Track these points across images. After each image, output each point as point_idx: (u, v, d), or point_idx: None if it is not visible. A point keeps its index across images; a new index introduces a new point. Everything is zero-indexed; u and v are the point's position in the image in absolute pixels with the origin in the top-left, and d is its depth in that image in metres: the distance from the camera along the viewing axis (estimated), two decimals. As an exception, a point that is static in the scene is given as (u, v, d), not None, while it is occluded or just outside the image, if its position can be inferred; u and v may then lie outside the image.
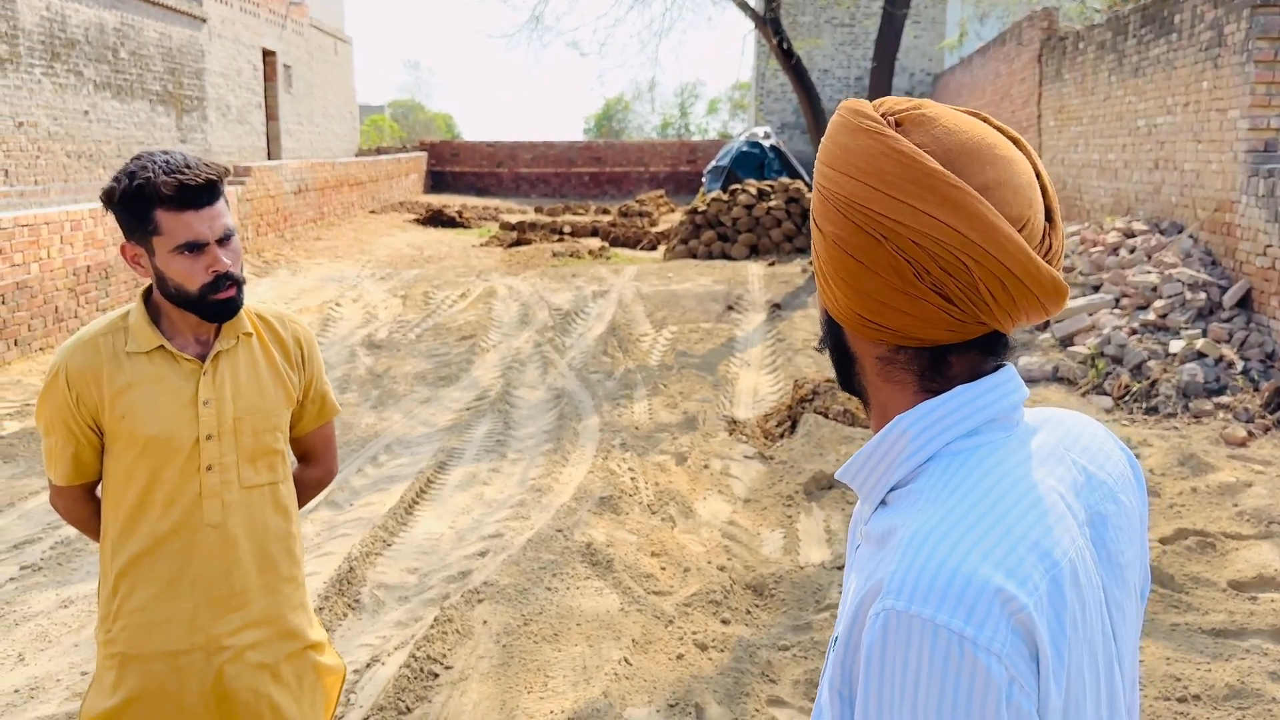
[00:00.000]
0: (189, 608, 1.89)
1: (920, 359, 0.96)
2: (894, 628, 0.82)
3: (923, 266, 0.90)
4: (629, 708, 3.42)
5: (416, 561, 4.64)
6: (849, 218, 0.93)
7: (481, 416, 6.92)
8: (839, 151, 0.95)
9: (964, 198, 0.88)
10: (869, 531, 0.96)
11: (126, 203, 1.81)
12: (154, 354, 1.90)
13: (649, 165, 28.59)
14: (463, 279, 12.50)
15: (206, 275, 1.83)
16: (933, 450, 0.93)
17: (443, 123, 54.51)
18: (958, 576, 0.82)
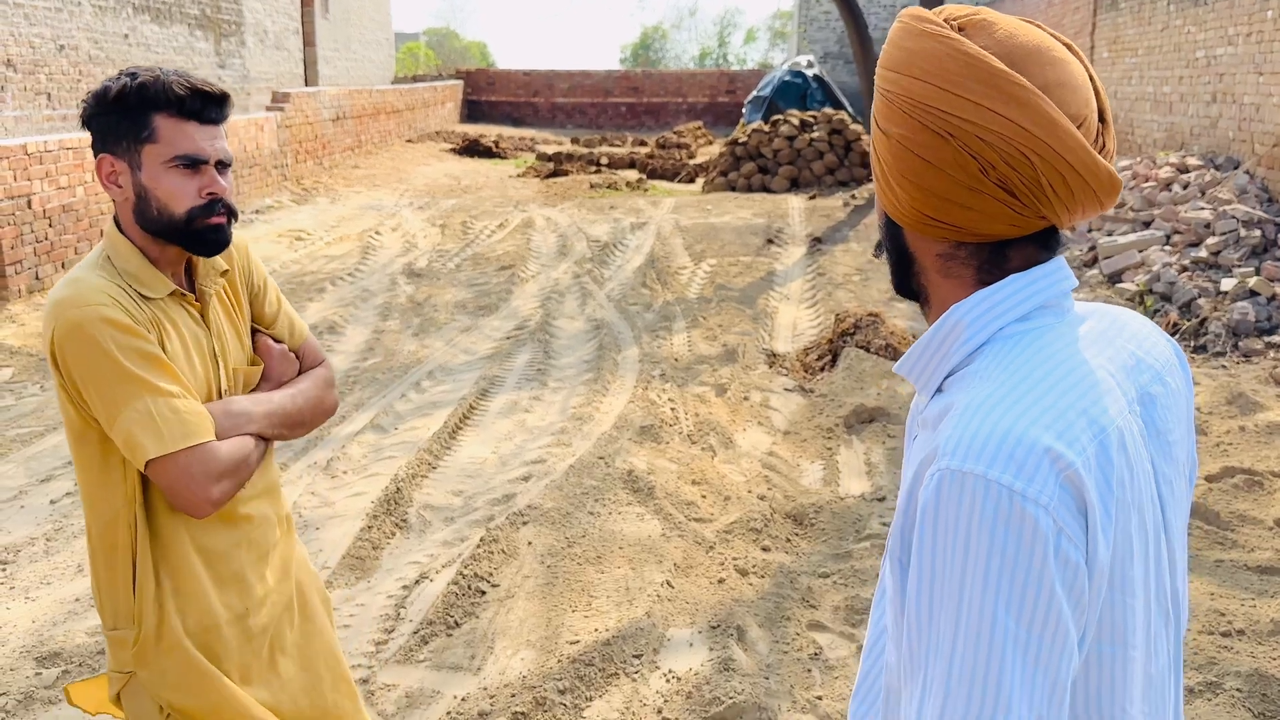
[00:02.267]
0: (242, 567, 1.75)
1: (980, 254, 1.00)
2: (948, 485, 0.87)
3: (988, 162, 0.93)
4: (671, 628, 3.48)
5: (461, 484, 4.72)
6: (916, 118, 0.96)
7: (522, 345, 6.95)
8: (903, 56, 0.98)
9: (1028, 95, 0.92)
10: (925, 418, 1.01)
11: (123, 102, 1.58)
12: (169, 300, 1.67)
13: (687, 96, 28.16)
14: (500, 209, 12.47)
15: (200, 197, 1.61)
16: (987, 335, 0.98)
17: (477, 51, 53.94)
18: (1009, 437, 0.87)
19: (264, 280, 1.87)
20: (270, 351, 1.82)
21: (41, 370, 6.26)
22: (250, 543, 1.76)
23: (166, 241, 1.65)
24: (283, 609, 1.84)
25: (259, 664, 1.78)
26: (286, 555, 1.87)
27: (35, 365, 6.34)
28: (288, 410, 1.77)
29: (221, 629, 1.71)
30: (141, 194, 1.62)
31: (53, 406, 5.67)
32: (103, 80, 1.68)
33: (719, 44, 57.45)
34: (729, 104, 27.64)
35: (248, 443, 1.66)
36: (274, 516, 1.83)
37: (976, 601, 0.85)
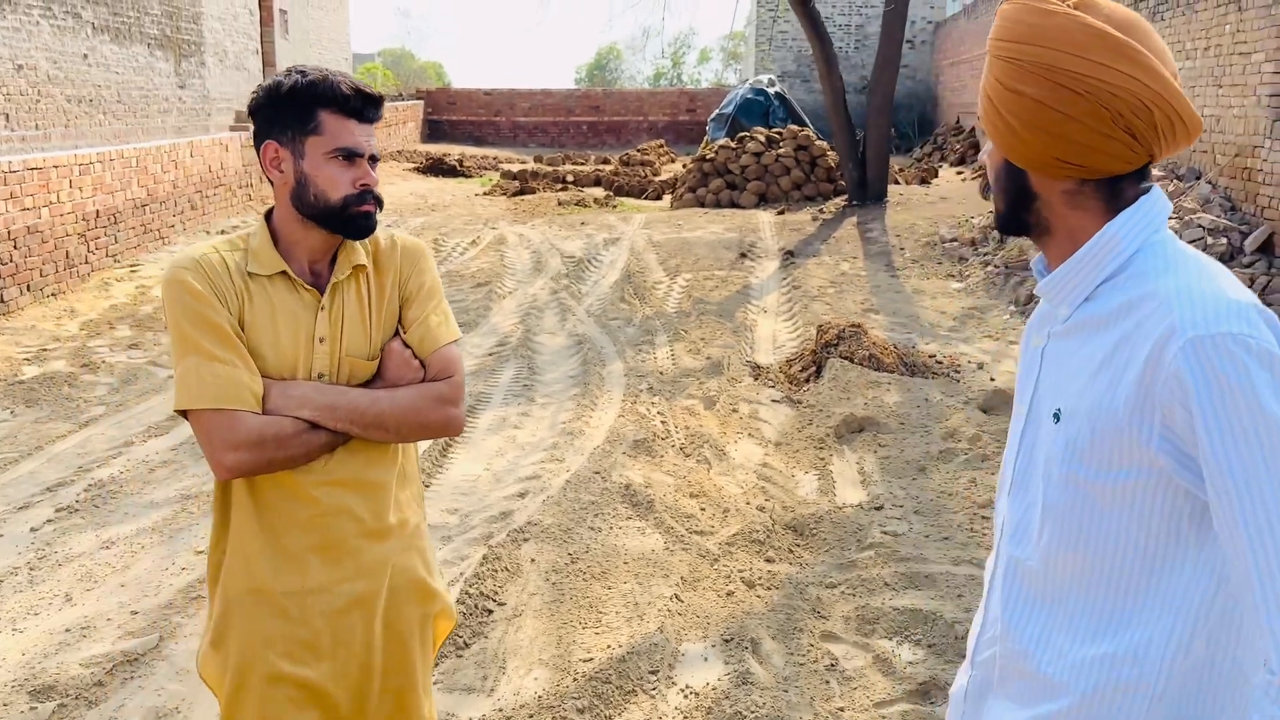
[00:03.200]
0: (300, 550, 1.79)
1: (1103, 188, 1.22)
2: (1202, 347, 1.08)
3: (1117, 112, 1.16)
4: (685, 642, 3.44)
5: (456, 502, 4.64)
6: (1053, 79, 1.17)
7: (505, 362, 6.89)
8: (1030, 31, 1.19)
9: (1144, 58, 1.16)
10: (1079, 322, 1.23)
11: (293, 96, 1.72)
12: (275, 279, 1.78)
13: (648, 114, 28.29)
14: (471, 226, 12.40)
15: (354, 187, 1.75)
16: (1138, 245, 1.20)
17: (433, 71, 53.79)
18: (1230, 303, 1.10)
19: (421, 286, 1.89)
20: (390, 352, 1.84)
21: (10, 395, 6.08)
22: (315, 526, 1.78)
23: (318, 225, 1.77)
24: (350, 606, 1.81)
25: (312, 646, 1.79)
26: (376, 559, 1.83)
27: (4, 390, 6.16)
28: (361, 409, 1.76)
29: (274, 598, 1.77)
30: (301, 180, 1.75)
31: (25, 431, 5.51)
32: (273, 75, 1.80)
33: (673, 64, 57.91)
34: (689, 122, 27.81)
35: (285, 424, 1.70)
36: (359, 512, 1.81)
37: (1262, 420, 1.05)
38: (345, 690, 1.82)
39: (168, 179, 10.67)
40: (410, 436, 1.83)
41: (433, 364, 1.85)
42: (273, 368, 1.75)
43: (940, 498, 4.68)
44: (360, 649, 1.82)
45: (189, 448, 5.29)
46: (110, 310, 8.16)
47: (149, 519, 4.42)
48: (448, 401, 1.84)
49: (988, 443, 5.23)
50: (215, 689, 1.84)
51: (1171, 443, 1.12)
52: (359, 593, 1.82)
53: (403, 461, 1.91)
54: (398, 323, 1.87)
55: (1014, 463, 1.33)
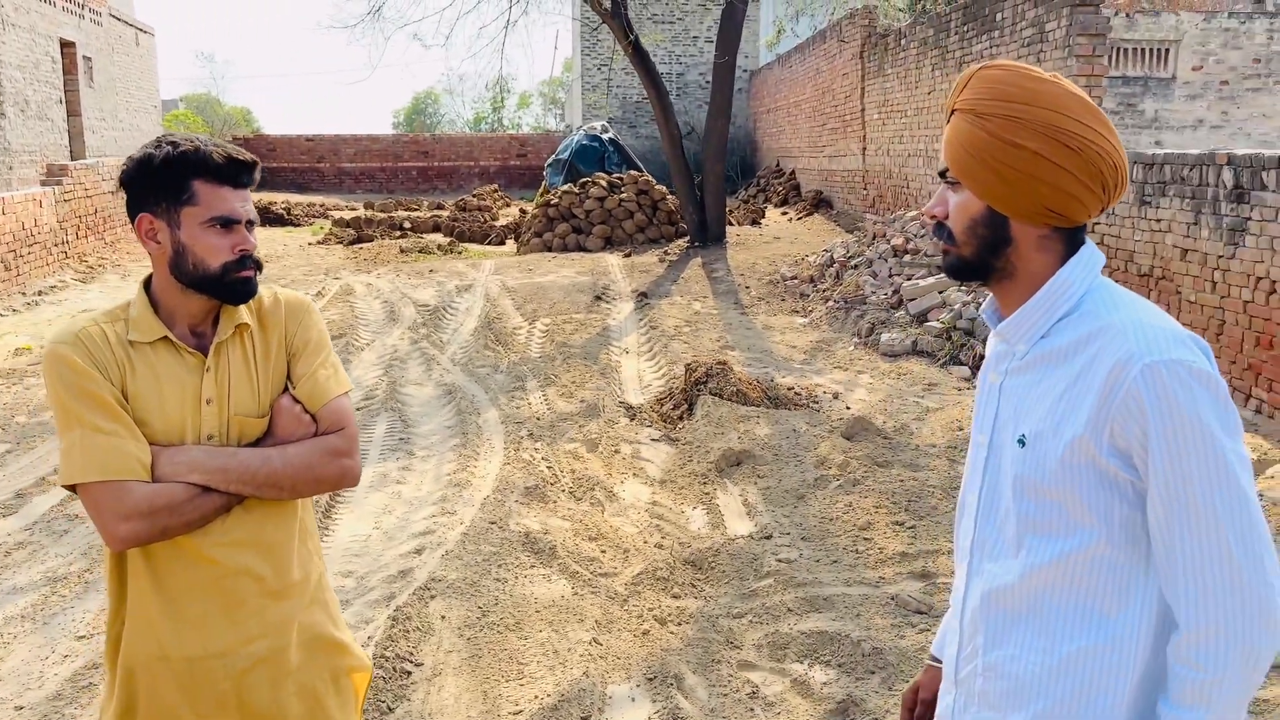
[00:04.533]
0: (201, 614, 1.78)
1: (1066, 236, 1.38)
2: (1159, 370, 1.25)
3: (1098, 169, 1.33)
4: (610, 684, 3.49)
5: (350, 564, 4.52)
6: (1052, 137, 1.33)
7: (375, 415, 6.74)
8: (1027, 94, 1.35)
9: (1110, 125, 1.36)
10: (1036, 357, 1.39)
11: (166, 167, 1.73)
12: (157, 345, 1.78)
13: (479, 159, 28.27)
14: (312, 277, 12.05)
15: (232, 253, 1.76)
16: (1086, 287, 1.36)
17: (241, 117, 51.77)
18: (1174, 335, 1.28)
19: (307, 341, 1.90)
20: (279, 409, 1.84)
21: None
22: (216, 589, 1.77)
23: (197, 292, 1.78)
24: (256, 666, 1.80)
25: (221, 709, 1.79)
26: (281, 617, 1.82)
27: None
28: (253, 469, 1.77)
29: (178, 663, 1.76)
30: (179, 249, 1.76)
31: None
32: (142, 147, 1.80)
33: (493, 109, 58.03)
34: (521, 167, 27.98)
35: (177, 490, 1.71)
36: (260, 570, 1.80)
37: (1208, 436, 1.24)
38: None
39: (-25, 237, 9.88)
40: (306, 491, 1.84)
41: (324, 417, 1.86)
42: (160, 434, 1.75)
43: (823, 523, 4.92)
44: (269, 707, 1.82)
45: (43, 526, 4.92)
46: (-79, 382, 7.46)
47: (15, 606, 4.08)
48: (341, 454, 1.85)
49: (856, 468, 5.53)
50: None
51: (1116, 448, 1.29)
52: (264, 652, 1.81)
53: (302, 515, 1.92)
54: (286, 379, 1.89)
55: (979, 489, 1.46)
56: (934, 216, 1.45)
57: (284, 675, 1.82)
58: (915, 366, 7.93)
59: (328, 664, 1.89)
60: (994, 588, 1.41)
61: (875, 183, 15.36)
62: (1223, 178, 6.38)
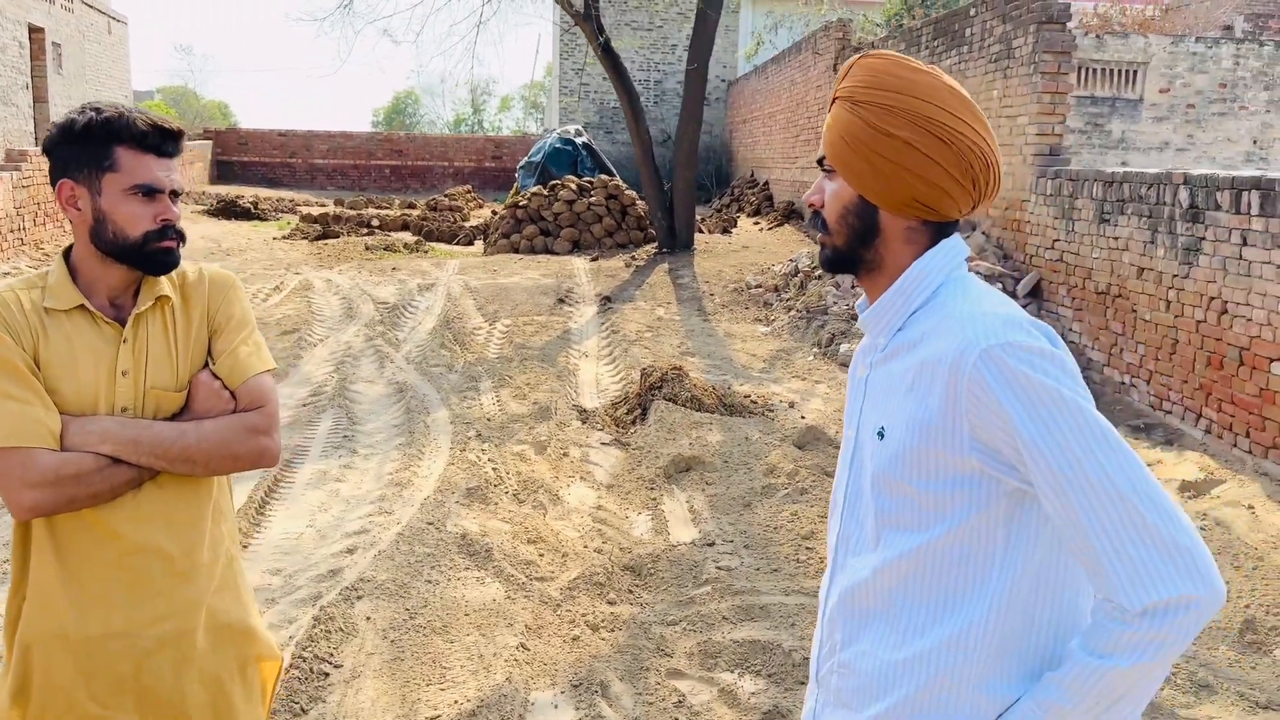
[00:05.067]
0: (104, 591, 1.72)
1: (933, 229, 1.36)
2: (996, 353, 1.22)
3: (969, 163, 1.31)
4: (534, 691, 3.40)
5: (279, 562, 4.40)
6: (923, 127, 1.31)
7: (322, 412, 6.62)
8: (904, 83, 1.33)
9: (985, 120, 1.35)
10: (893, 349, 1.36)
11: (88, 133, 1.70)
12: (73, 313, 1.74)
13: (453, 160, 28.11)
14: (272, 272, 11.88)
15: (154, 223, 1.74)
16: (940, 279, 1.34)
17: (218, 110, 51.33)
18: (1011, 320, 1.25)
19: (230, 317, 1.86)
20: (197, 384, 1.81)
21: None
22: (122, 565, 1.73)
23: (118, 262, 1.75)
24: (159, 648, 1.74)
25: (119, 691, 1.74)
26: (188, 599, 1.77)
27: None
28: (167, 442, 1.72)
29: (78, 642, 1.71)
30: (100, 217, 1.73)
31: None
32: (67, 113, 1.76)
33: (474, 111, 57.86)
34: (495, 169, 27.85)
35: (85, 460, 1.66)
36: (169, 549, 1.75)
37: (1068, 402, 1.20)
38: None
39: (-76, 220, 9.66)
40: (221, 469, 1.79)
41: (242, 394, 1.82)
42: (72, 403, 1.71)
43: (767, 532, 4.86)
44: (170, 694, 1.76)
45: (-36, 516, 4.77)
46: None
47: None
48: (259, 431, 1.81)
49: (805, 477, 5.47)
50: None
51: (981, 442, 1.25)
52: (168, 634, 1.75)
53: (217, 496, 1.86)
54: (207, 355, 1.84)
55: (845, 485, 1.44)
56: (812, 205, 1.42)
57: (188, 660, 1.77)
58: (873, 378, 7.90)
59: (235, 652, 1.84)
60: (851, 584, 1.40)
61: (846, 195, 15.39)
62: (1179, 197, 6.40)
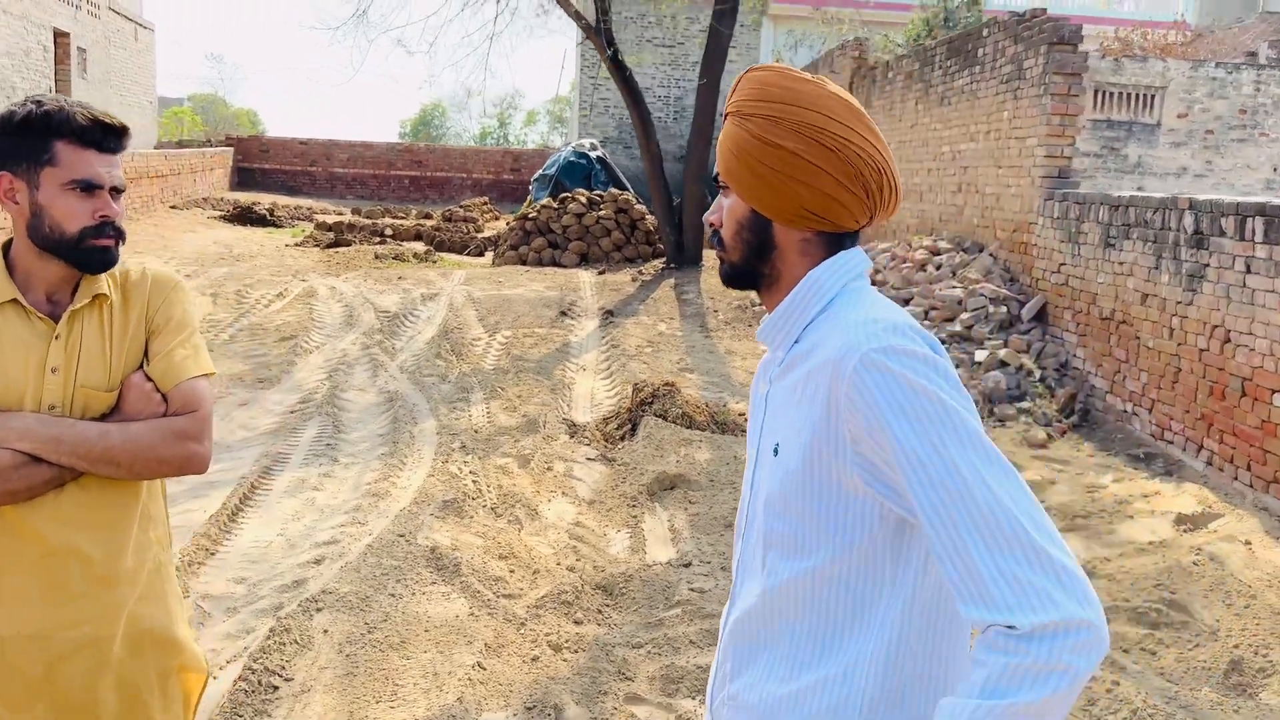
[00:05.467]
0: (20, 592, 1.68)
1: (829, 241, 1.34)
2: (874, 357, 1.18)
3: (859, 171, 1.29)
4: (485, 712, 3.31)
5: (244, 571, 4.34)
6: (809, 136, 1.29)
7: (308, 420, 6.57)
8: (789, 94, 1.31)
9: (875, 128, 1.33)
10: (789, 363, 1.33)
11: (26, 126, 1.68)
12: (5, 308, 1.72)
13: (472, 171, 28.19)
14: (278, 278, 11.89)
15: (92, 219, 1.71)
16: (835, 290, 1.32)
17: (246, 119, 51.80)
18: (893, 324, 1.22)
19: (169, 319, 1.82)
20: (128, 385, 1.77)
21: None
22: (40, 567, 1.69)
23: (56, 257, 1.73)
24: (72, 653, 1.70)
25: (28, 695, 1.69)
26: (107, 605, 1.72)
27: None
28: (89, 442, 1.68)
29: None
30: (37, 212, 1.71)
31: None
32: (9, 105, 1.75)
33: (500, 125, 58.13)
34: (514, 181, 27.89)
35: (3, 456, 1.64)
36: (90, 552, 1.71)
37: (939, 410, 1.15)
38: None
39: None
40: (145, 473, 1.74)
41: (174, 398, 1.78)
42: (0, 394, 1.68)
43: (747, 554, 4.74)
44: (83, 700, 1.71)
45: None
46: None
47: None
48: (188, 437, 1.75)
49: (793, 499, 5.36)
50: None
51: (861, 455, 1.20)
52: (83, 640, 1.70)
53: (146, 501, 1.81)
54: (144, 356, 1.80)
55: (746, 506, 1.39)
56: (711, 224, 1.40)
57: (103, 667, 1.72)
58: (873, 399, 7.78)
59: (156, 661, 1.79)
60: (741, 612, 1.34)
61: (859, 214, 15.30)
62: (1184, 223, 6.26)
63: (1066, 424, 7.01)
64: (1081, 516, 5.28)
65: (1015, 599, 1.08)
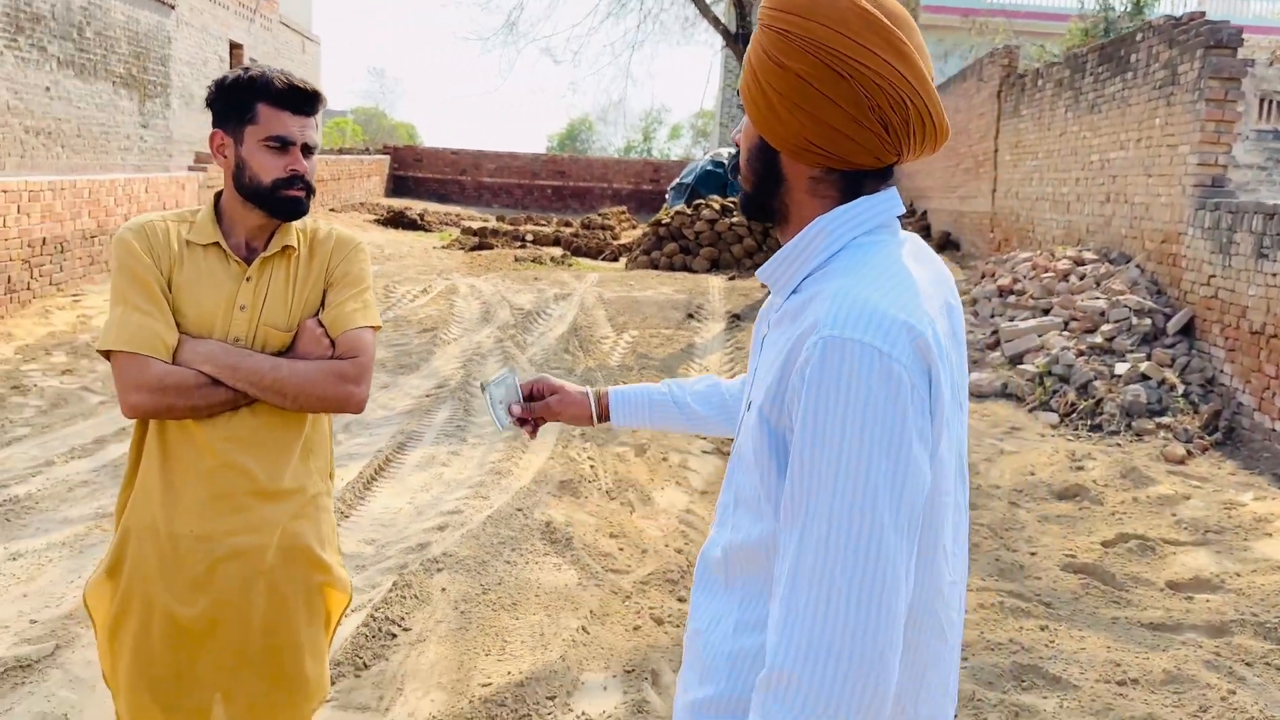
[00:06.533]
0: (194, 497, 1.91)
1: (844, 180, 1.18)
2: (830, 348, 1.05)
3: (875, 101, 1.11)
4: (585, 672, 3.46)
5: (374, 533, 4.64)
6: (818, 57, 1.12)
7: (441, 403, 6.92)
8: (805, 3, 1.13)
9: (909, 51, 1.12)
10: (784, 312, 1.19)
11: (236, 89, 1.91)
12: (209, 249, 1.96)
13: (612, 181, 28.74)
14: (424, 276, 12.48)
15: (284, 171, 1.92)
16: (843, 242, 1.17)
17: (405, 131, 54.22)
18: (875, 313, 1.06)
19: (346, 274, 2.04)
20: (302, 328, 1.99)
21: None
22: (211, 477, 1.91)
23: (254, 206, 1.94)
24: (231, 556, 1.92)
25: (191, 587, 1.91)
26: (265, 518, 1.95)
27: (-73, 407, 6.06)
28: (261, 372, 1.90)
29: (165, 537, 1.90)
30: (240, 164, 1.93)
31: None
32: (221, 73, 2.10)
33: (644, 138, 58.88)
34: (652, 191, 28.28)
35: (188, 375, 1.86)
36: (253, 470, 1.94)
37: (856, 437, 1.02)
38: (218, 636, 1.93)
39: (120, 212, 10.66)
40: (308, 407, 1.95)
41: (341, 344, 1.97)
42: (193, 326, 1.91)
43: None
44: (236, 598, 1.93)
45: (110, 470, 5.24)
46: (48, 337, 8.08)
47: (60, 534, 4.37)
48: (348, 379, 1.95)
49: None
50: (95, 616, 1.99)
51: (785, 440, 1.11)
52: (241, 546, 1.93)
53: (310, 433, 2.03)
54: (320, 305, 2.01)
55: (733, 450, 1.31)
56: (735, 144, 1.30)
57: (257, 573, 1.94)
58: (1001, 409, 7.61)
59: (303, 575, 2.00)
60: (706, 556, 1.30)
61: (1002, 225, 14.87)
62: (1345, 230, 5.90)
63: (1208, 440, 6.68)
64: (1214, 531, 5.05)
65: (776, 631, 1.05)
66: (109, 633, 1.95)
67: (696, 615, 1.29)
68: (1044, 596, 4.29)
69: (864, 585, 1.01)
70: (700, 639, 1.26)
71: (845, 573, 1.01)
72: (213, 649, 1.93)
